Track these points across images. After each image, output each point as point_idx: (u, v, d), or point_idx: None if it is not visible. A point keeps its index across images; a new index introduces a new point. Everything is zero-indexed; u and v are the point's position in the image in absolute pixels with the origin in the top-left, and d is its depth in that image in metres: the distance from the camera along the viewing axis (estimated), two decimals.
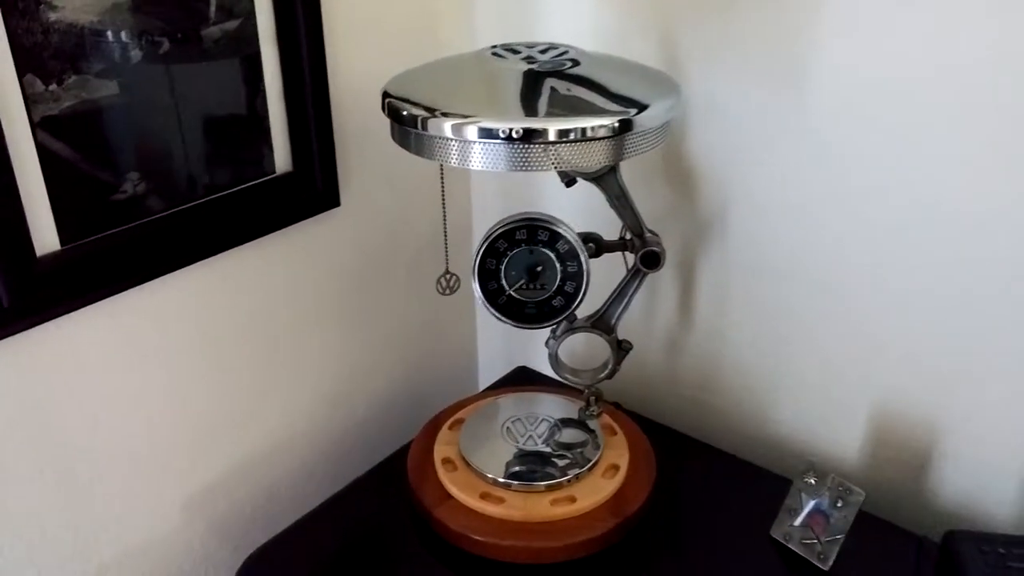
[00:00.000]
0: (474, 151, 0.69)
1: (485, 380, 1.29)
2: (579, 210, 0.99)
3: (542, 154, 0.69)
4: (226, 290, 0.91)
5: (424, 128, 0.70)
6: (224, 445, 0.97)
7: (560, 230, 0.85)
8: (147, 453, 0.90)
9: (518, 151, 0.69)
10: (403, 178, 1.07)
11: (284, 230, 0.95)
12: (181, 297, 0.87)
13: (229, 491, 0.99)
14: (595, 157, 0.70)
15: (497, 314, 0.89)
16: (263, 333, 0.97)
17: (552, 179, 0.86)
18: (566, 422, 0.97)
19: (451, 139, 0.70)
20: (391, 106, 0.73)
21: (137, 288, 0.82)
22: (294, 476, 1.06)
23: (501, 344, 1.27)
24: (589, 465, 0.90)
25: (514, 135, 0.67)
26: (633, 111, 0.70)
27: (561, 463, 0.91)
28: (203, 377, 0.92)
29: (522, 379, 1.16)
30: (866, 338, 0.91)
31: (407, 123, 0.71)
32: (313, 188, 0.95)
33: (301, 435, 1.06)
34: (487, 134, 0.68)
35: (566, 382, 0.97)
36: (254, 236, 0.91)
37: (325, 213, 0.99)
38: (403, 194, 1.07)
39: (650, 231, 0.89)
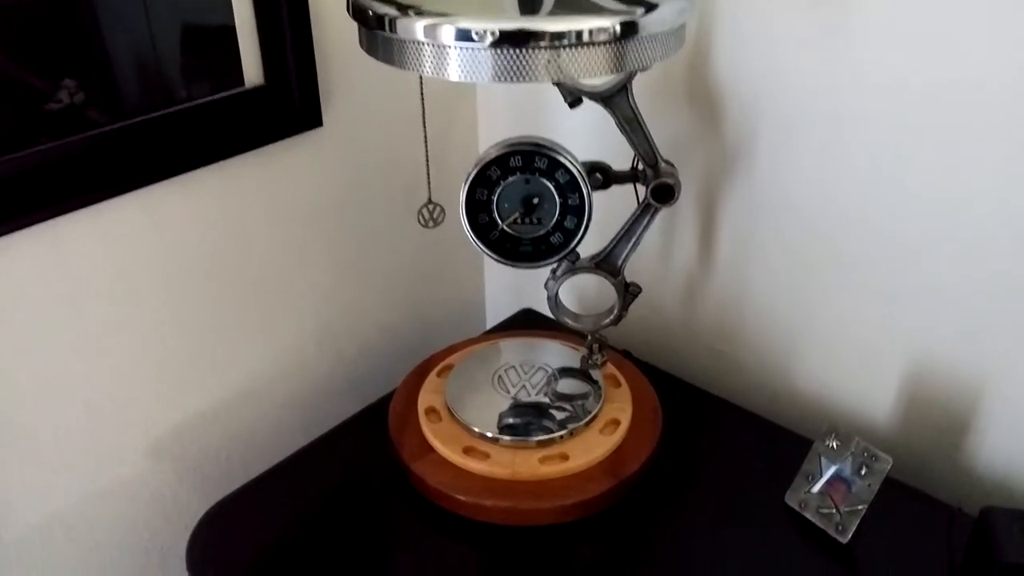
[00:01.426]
0: (451, 57, 0.60)
1: (493, 322, 1.20)
2: (600, 137, 0.88)
3: (530, 62, 0.59)
4: (190, 216, 0.83)
5: (393, 30, 0.60)
6: (193, 387, 0.90)
7: (561, 157, 0.75)
8: (105, 396, 0.83)
9: (503, 58, 0.59)
10: (397, 96, 0.96)
11: (258, 151, 0.86)
12: (136, 223, 0.79)
13: (200, 436, 0.92)
14: (594, 66, 0.60)
15: (488, 251, 0.80)
16: (237, 266, 0.89)
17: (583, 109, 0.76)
18: (565, 372, 0.88)
19: (424, 43, 0.60)
20: (355, 4, 0.63)
21: (83, 211, 0.74)
22: (273, 421, 0.99)
23: (509, 283, 1.18)
24: (586, 419, 0.82)
25: (496, 37, 0.57)
26: (639, 11, 0.59)
27: (555, 417, 0.82)
28: (166, 314, 0.85)
29: (527, 323, 1.08)
30: (905, 286, 0.81)
31: (373, 24, 0.61)
32: (289, 104, 0.86)
33: (283, 378, 0.98)
34: (464, 36, 0.58)
35: (568, 327, 0.88)
36: (221, 156, 0.82)
37: (305, 134, 0.89)
38: (397, 114, 0.97)
39: (665, 161, 0.79)
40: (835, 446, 0.76)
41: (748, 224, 0.90)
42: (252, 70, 0.82)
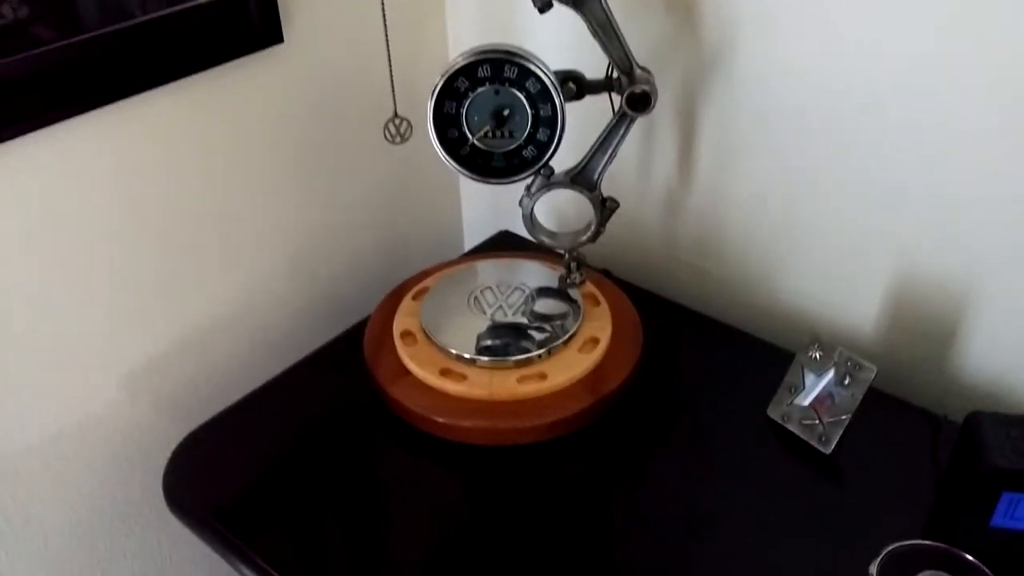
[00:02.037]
0: None
1: (471, 245, 1.17)
2: (573, 45, 0.85)
3: None
4: (149, 138, 0.79)
5: None
6: (163, 318, 0.87)
7: (531, 66, 0.72)
8: (74, 327, 0.80)
9: None
10: (362, 8, 0.92)
11: (217, 70, 0.82)
12: (91, 146, 0.75)
13: (174, 367, 0.90)
14: None
15: (459, 167, 0.77)
16: (201, 191, 0.86)
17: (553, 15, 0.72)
18: (543, 291, 0.86)
19: None
20: None
21: (32, 135, 0.70)
22: (248, 350, 0.97)
23: (486, 204, 1.15)
24: (564, 338, 0.80)
25: None
26: None
27: (533, 337, 0.80)
28: (128, 243, 0.81)
29: (505, 245, 1.05)
30: (888, 190, 0.79)
31: None
32: (246, 20, 0.81)
33: (256, 305, 0.96)
34: None
35: (544, 246, 0.85)
36: (178, 75, 0.78)
37: (266, 51, 0.85)
38: (363, 27, 0.93)
39: (640, 67, 0.76)
40: (818, 357, 0.75)
41: (729, 131, 0.87)
42: None
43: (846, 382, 0.73)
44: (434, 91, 0.73)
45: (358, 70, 0.95)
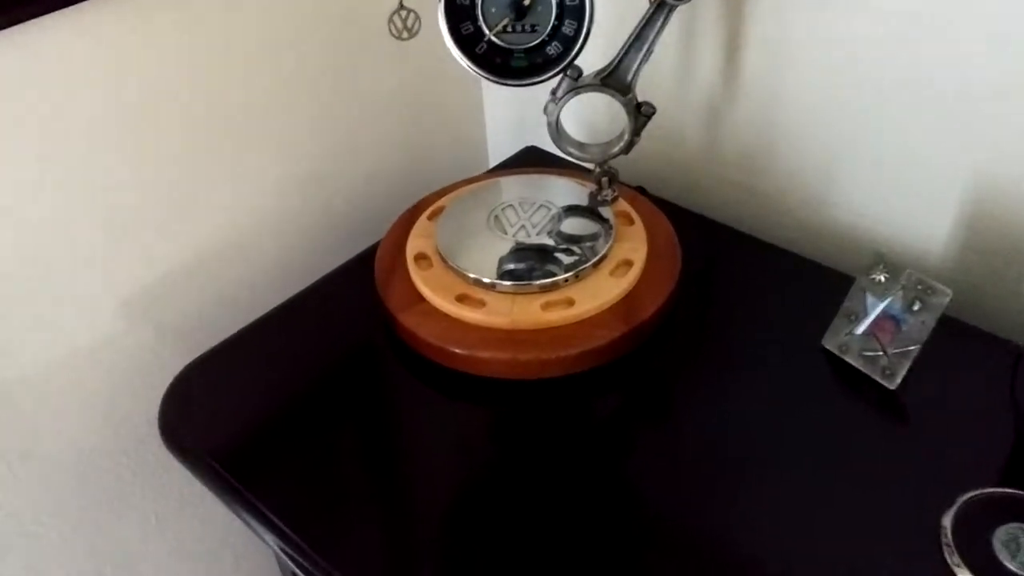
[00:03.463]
0: None
1: (496, 163, 1.09)
2: None
3: None
4: (138, 40, 0.72)
5: None
6: (165, 242, 0.81)
7: None
8: (65, 250, 0.74)
9: None
10: None
11: None
12: (76, 48, 0.68)
13: (177, 294, 0.84)
14: None
15: (474, 67, 0.68)
16: (202, 103, 0.78)
17: None
18: (571, 210, 0.78)
19: None
20: None
21: (8, 31, 0.63)
22: (257, 277, 0.90)
23: (511, 118, 1.06)
24: (594, 260, 0.72)
25: None
26: None
27: (560, 260, 0.72)
28: (122, 157, 0.75)
29: (531, 162, 0.96)
30: (966, 91, 0.68)
31: None
32: None
33: (265, 229, 0.89)
34: None
35: (572, 159, 0.77)
36: None
37: None
38: None
39: None
40: (882, 279, 0.66)
41: (781, 24, 0.76)
42: None
43: (915, 308, 0.64)
44: None
45: None
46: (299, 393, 0.71)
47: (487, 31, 0.66)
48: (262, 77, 0.82)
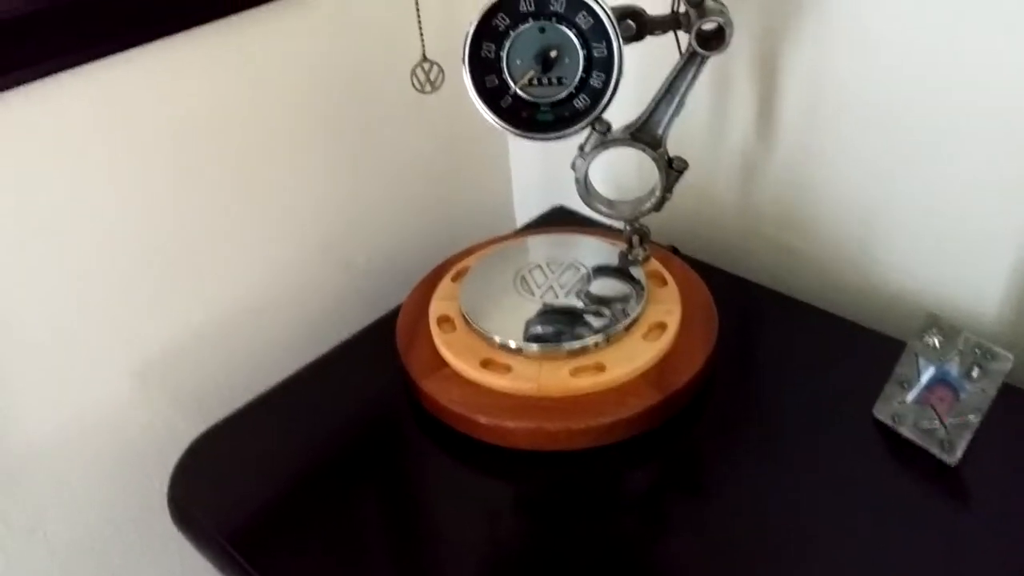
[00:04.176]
0: None
1: (524, 222, 1.06)
2: None
3: None
4: (155, 98, 0.70)
5: None
6: (181, 304, 0.79)
7: None
8: (79, 315, 0.72)
9: None
10: None
11: (233, 18, 0.72)
12: (94, 104, 0.67)
13: (191, 359, 0.81)
14: None
15: (500, 122, 0.66)
16: (219, 161, 0.76)
17: None
18: (601, 270, 0.74)
19: None
20: None
21: (21, 88, 0.62)
22: (278, 341, 0.87)
23: (540, 176, 1.04)
24: (626, 323, 0.68)
25: None
26: None
27: (590, 322, 0.69)
28: (139, 219, 0.73)
29: (559, 221, 0.93)
30: (1011, 139, 0.65)
31: None
32: None
33: (285, 292, 0.86)
34: None
35: (601, 217, 0.73)
36: (188, 23, 0.69)
37: None
38: None
39: None
40: (937, 343, 0.61)
41: (820, 76, 0.73)
42: None
43: (974, 374, 0.59)
44: (469, 31, 0.62)
45: (395, 22, 0.84)
46: (316, 465, 0.67)
47: (512, 84, 0.64)
48: (282, 134, 0.80)
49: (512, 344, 0.68)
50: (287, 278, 0.86)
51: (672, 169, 0.69)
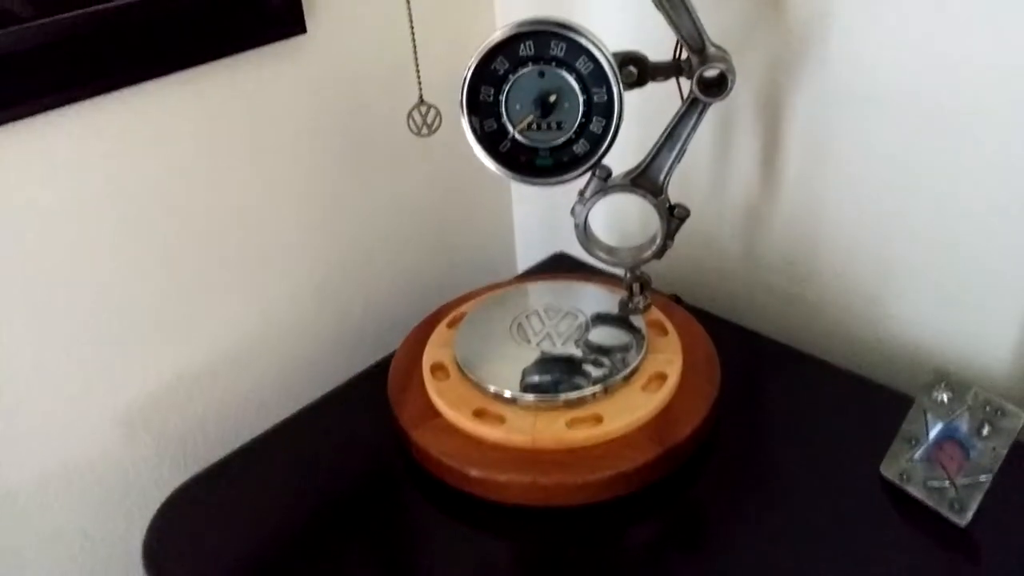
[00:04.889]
0: None
1: (526, 267, 1.04)
2: (633, 24, 0.72)
3: None
4: (147, 138, 0.69)
5: None
6: (170, 348, 0.77)
7: (583, 40, 0.59)
8: (62, 356, 0.70)
9: None
10: None
11: (228, 60, 0.72)
12: (83, 143, 0.66)
13: (179, 404, 0.79)
14: None
15: (498, 166, 0.65)
16: (207, 201, 0.75)
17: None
18: (600, 318, 0.73)
19: None
20: None
21: (11, 125, 0.60)
22: (268, 387, 0.85)
23: (542, 222, 1.03)
24: (625, 373, 0.66)
25: None
26: None
27: (588, 371, 0.67)
28: (130, 260, 0.71)
29: (560, 268, 0.92)
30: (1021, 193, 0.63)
31: None
32: (263, 5, 0.71)
33: (277, 337, 0.85)
34: None
35: (601, 263, 0.72)
36: (183, 64, 0.69)
37: (286, 42, 0.75)
38: (396, 16, 0.81)
39: (715, 45, 0.62)
40: (945, 399, 0.59)
41: (824, 123, 0.72)
42: None
43: (984, 432, 0.57)
44: (467, 74, 0.61)
45: (391, 65, 0.83)
46: (300, 518, 0.64)
47: (511, 128, 0.63)
48: (278, 176, 0.79)
49: (507, 394, 0.66)
50: (280, 322, 0.85)
51: (674, 216, 0.67)
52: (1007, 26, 0.60)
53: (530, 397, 0.65)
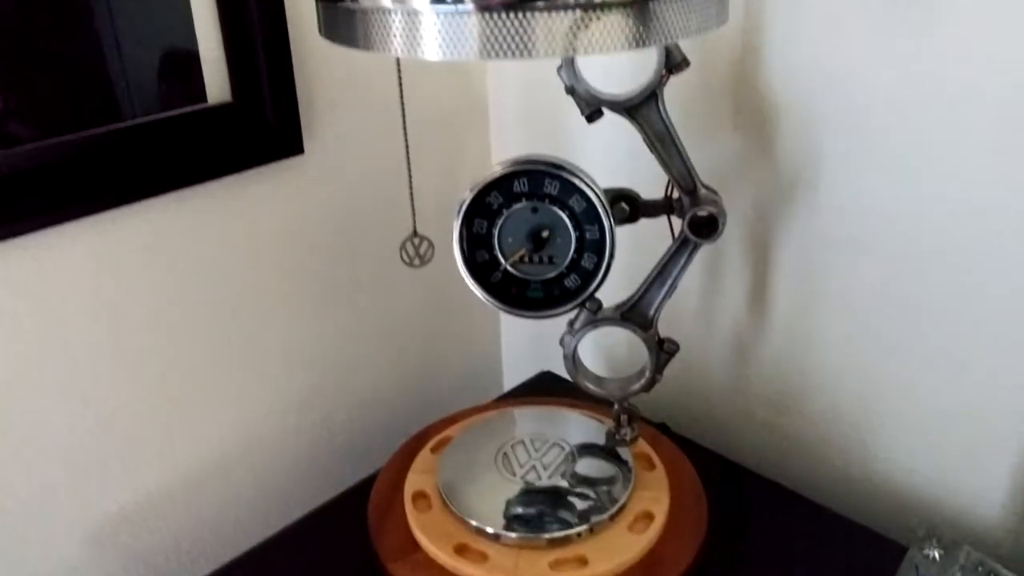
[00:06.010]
0: (424, 27, 0.45)
1: (512, 387, 1.04)
2: (627, 162, 0.74)
3: (527, 31, 0.44)
4: (136, 254, 0.69)
5: None
6: (144, 463, 0.75)
7: (576, 180, 0.60)
8: (32, 469, 0.68)
9: (489, 27, 0.44)
10: (395, 121, 0.82)
11: (226, 180, 0.73)
12: (74, 259, 0.66)
13: (151, 520, 0.77)
14: (610, 36, 0.44)
15: (488, 297, 0.65)
16: (199, 317, 0.75)
17: (607, 125, 0.61)
18: (586, 449, 0.72)
19: (392, 11, 0.45)
20: None
21: (5, 243, 0.61)
22: (246, 505, 0.83)
23: (530, 339, 1.02)
24: (611, 512, 0.64)
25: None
26: None
27: (573, 505, 0.65)
28: (108, 372, 0.70)
29: (546, 389, 0.91)
30: (1018, 341, 0.63)
31: None
32: (262, 126, 0.73)
33: (257, 452, 0.83)
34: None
35: (590, 393, 0.71)
36: (178, 184, 0.69)
37: (283, 162, 0.76)
38: (394, 143, 0.83)
39: (706, 187, 0.63)
40: (936, 556, 0.58)
41: (811, 268, 0.73)
42: (216, 83, 0.69)
43: None
44: (461, 207, 0.62)
45: (387, 189, 0.84)
46: None
47: (503, 261, 0.63)
48: (268, 290, 0.79)
49: (489, 530, 0.64)
50: (262, 437, 0.83)
51: (663, 351, 0.67)
52: (983, 167, 0.61)
53: (513, 536, 0.63)
